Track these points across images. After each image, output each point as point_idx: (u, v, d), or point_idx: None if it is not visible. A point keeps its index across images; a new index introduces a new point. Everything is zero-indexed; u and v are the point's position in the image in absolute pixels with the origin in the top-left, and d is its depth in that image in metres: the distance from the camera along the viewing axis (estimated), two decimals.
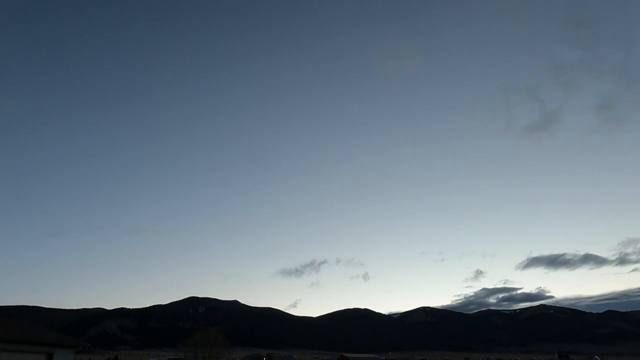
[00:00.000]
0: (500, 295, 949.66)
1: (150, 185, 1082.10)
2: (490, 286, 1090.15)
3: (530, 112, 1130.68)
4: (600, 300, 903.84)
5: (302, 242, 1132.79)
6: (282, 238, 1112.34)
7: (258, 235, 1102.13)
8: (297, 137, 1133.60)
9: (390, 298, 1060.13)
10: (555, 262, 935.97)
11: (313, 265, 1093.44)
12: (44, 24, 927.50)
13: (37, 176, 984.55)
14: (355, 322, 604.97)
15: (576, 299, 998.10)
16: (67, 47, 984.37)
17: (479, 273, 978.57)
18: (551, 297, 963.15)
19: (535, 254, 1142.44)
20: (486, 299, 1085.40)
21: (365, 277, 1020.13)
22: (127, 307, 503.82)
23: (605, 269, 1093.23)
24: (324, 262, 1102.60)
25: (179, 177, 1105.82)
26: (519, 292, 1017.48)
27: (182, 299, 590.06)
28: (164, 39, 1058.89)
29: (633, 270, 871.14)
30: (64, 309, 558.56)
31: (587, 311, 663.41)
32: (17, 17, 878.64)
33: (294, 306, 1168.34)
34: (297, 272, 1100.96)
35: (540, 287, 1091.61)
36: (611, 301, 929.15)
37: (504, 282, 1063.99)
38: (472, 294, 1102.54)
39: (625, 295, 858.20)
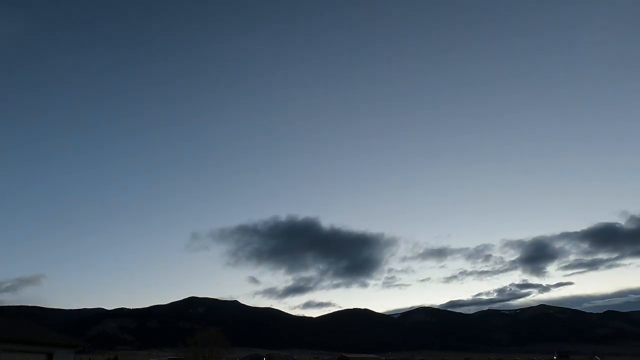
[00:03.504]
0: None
1: (151, 185, 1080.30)
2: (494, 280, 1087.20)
3: None
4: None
5: None
6: None
7: None
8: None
9: (390, 298, 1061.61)
10: None
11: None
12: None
13: (36, 175, 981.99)
14: (355, 322, 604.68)
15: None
16: None
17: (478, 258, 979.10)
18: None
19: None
20: (486, 297, 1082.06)
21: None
22: (127, 307, 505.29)
23: None
24: None
25: (179, 176, 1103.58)
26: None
27: (182, 299, 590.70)
28: None
29: None
30: (64, 309, 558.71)
31: (587, 311, 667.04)
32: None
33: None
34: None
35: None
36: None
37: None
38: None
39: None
